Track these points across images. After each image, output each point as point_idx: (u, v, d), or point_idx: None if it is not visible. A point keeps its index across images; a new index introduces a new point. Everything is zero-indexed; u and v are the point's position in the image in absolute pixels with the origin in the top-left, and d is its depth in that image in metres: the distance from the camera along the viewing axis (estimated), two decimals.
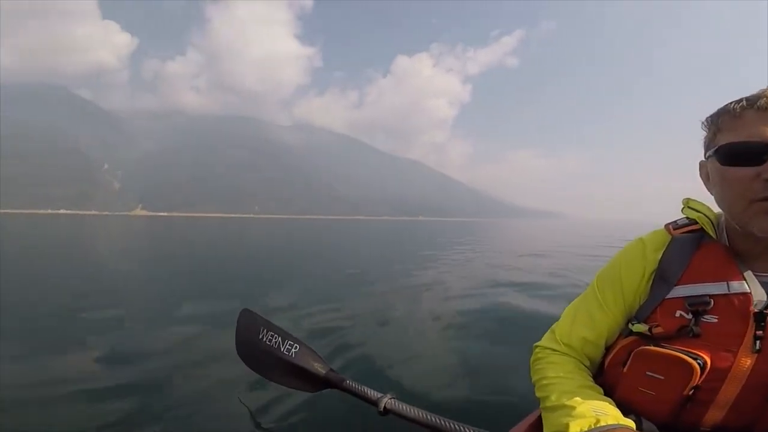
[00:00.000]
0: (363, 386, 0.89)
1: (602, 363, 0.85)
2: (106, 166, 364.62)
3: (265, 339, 0.97)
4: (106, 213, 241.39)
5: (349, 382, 0.89)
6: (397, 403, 0.98)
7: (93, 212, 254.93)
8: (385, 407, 0.97)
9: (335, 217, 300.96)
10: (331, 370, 0.94)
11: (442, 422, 1.00)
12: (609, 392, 0.78)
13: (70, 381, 2.64)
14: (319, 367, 0.92)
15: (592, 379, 0.80)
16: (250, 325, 1.03)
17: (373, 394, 0.91)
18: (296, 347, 0.92)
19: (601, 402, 0.70)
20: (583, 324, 0.84)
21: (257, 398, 2.36)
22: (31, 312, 4.93)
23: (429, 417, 1.01)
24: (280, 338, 0.94)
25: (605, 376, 0.83)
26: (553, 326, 0.91)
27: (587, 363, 0.85)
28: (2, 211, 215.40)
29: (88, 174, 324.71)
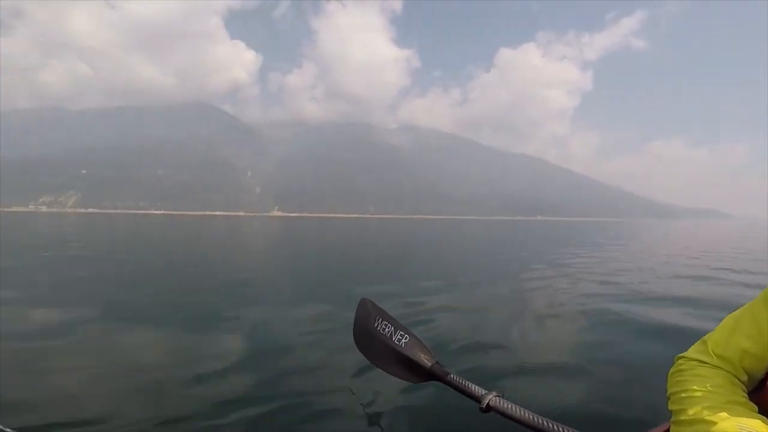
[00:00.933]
0: (467, 381, 0.87)
1: (764, 379, 0.77)
2: (249, 173, 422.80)
3: (379, 328, 1.00)
4: (251, 214, 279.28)
5: (453, 376, 0.88)
6: (501, 401, 0.95)
7: (241, 213, 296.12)
8: (488, 404, 0.94)
9: (446, 217, 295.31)
10: (437, 363, 0.93)
11: (550, 425, 0.94)
12: (766, 411, 0.68)
13: (214, 357, 3.13)
14: (425, 359, 0.92)
15: (746, 396, 0.71)
16: (367, 314, 1.06)
17: (477, 390, 0.90)
18: (406, 338, 0.93)
19: (753, 420, 0.62)
20: (746, 334, 0.77)
21: (364, 383, 2.44)
22: (202, 294, 6.37)
23: (535, 418, 0.96)
24: (392, 328, 0.96)
25: (765, 393, 0.75)
26: (704, 336, 0.84)
27: (744, 378, 0.76)
28: (178, 212, 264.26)
29: (236, 181, 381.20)
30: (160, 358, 3.28)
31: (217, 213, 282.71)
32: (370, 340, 1.03)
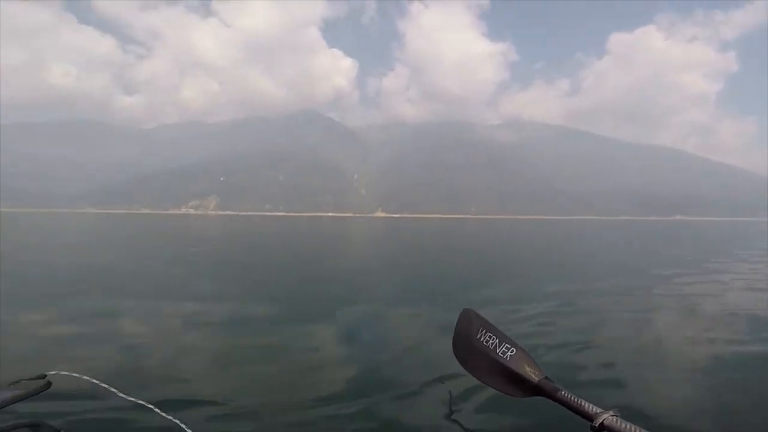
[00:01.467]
0: (579, 398, 0.81)
1: None
2: (355, 176, 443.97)
3: (482, 339, 0.94)
4: (357, 215, 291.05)
5: (564, 393, 0.83)
6: (618, 421, 0.85)
7: (349, 214, 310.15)
8: (602, 423, 0.85)
9: (560, 217, 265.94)
10: (546, 377, 0.88)
11: None
12: None
13: (317, 350, 3.41)
14: (532, 373, 0.87)
15: None
16: (470, 325, 1.00)
17: (590, 408, 0.81)
18: (512, 351, 0.88)
19: None
20: None
21: (462, 394, 2.33)
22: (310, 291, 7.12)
23: None
24: (497, 340, 0.91)
25: None
26: None
27: None
28: (295, 214, 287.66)
29: (344, 183, 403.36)
30: (270, 349, 3.70)
31: (328, 214, 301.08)
32: (472, 351, 0.97)
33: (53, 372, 0.61)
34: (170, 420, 0.58)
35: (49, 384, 0.61)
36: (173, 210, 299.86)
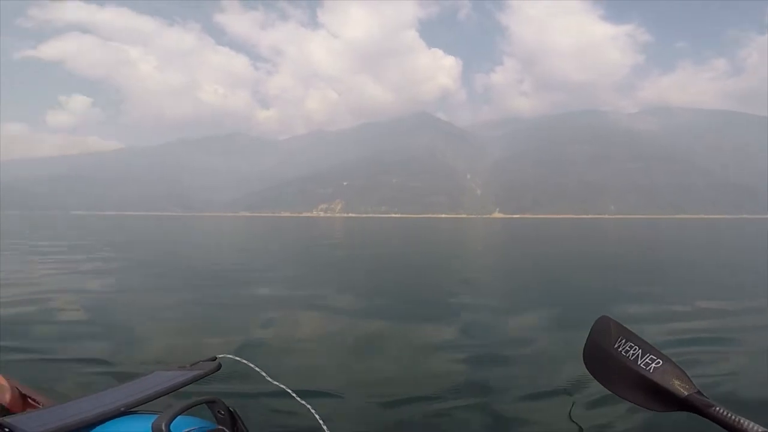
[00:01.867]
0: (738, 416, 0.73)
1: None
2: (468, 176, 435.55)
3: (621, 349, 0.89)
4: (473, 216, 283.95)
5: (720, 409, 0.76)
6: None
7: (463, 215, 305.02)
8: None
9: (730, 216, 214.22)
10: (698, 392, 0.81)
11: None
12: None
13: (438, 350, 3.59)
14: (681, 387, 0.81)
15: None
16: (607, 333, 0.94)
17: (752, 426, 0.73)
18: (658, 363, 0.82)
19: None
20: None
21: (590, 405, 2.22)
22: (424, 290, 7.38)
23: None
24: (639, 351, 0.86)
25: None
26: None
27: None
28: (409, 215, 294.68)
29: (457, 183, 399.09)
30: (393, 342, 4.09)
31: (442, 215, 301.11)
32: (607, 361, 0.92)
33: (221, 355, 0.71)
34: (305, 406, 0.63)
35: (219, 366, 0.70)
36: (306, 213, 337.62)
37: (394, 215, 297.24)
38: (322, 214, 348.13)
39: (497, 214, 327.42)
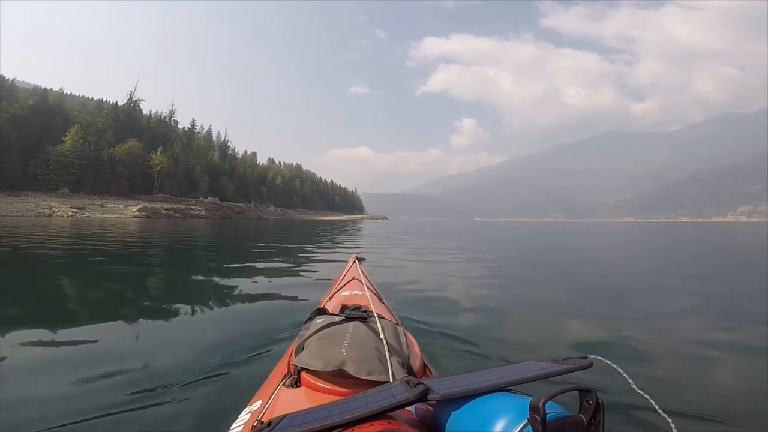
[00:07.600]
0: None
1: None
2: None
3: None
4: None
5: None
6: None
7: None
8: None
9: None
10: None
11: None
12: None
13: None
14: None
15: None
16: None
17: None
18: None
19: None
20: None
21: None
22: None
23: None
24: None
25: None
26: None
27: None
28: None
29: None
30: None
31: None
32: None
33: (592, 356, 0.71)
34: (668, 422, 0.58)
35: (590, 364, 0.70)
36: (718, 218, 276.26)
37: None
38: (743, 219, 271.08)
39: None
